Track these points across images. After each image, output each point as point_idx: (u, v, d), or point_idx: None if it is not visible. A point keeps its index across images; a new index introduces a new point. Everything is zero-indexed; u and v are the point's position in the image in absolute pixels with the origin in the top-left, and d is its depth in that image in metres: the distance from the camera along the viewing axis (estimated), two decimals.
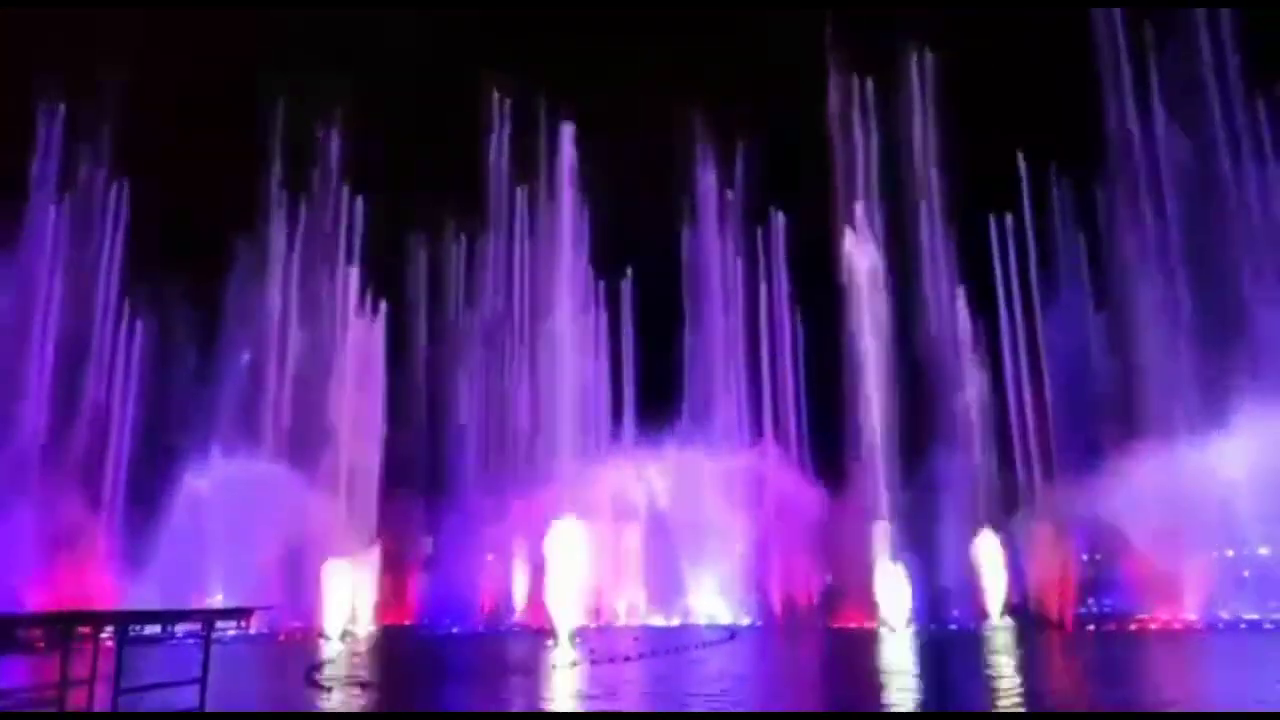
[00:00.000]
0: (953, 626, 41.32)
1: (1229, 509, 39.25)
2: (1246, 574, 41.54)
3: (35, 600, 38.39)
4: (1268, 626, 38.14)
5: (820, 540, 44.53)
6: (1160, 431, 40.56)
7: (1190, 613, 40.69)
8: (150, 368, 47.83)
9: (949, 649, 33.32)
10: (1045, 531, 42.63)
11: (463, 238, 55.01)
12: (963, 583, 42.81)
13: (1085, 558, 45.40)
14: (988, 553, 42.26)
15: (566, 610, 38.83)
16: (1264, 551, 41.45)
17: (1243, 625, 38.95)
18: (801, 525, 44.83)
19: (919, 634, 38.60)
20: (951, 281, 46.49)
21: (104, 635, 14.70)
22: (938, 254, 46.65)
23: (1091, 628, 40.39)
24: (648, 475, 48.34)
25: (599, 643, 34.67)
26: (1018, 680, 23.70)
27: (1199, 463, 39.10)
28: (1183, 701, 19.62)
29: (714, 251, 53.53)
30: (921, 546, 41.54)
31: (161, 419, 46.62)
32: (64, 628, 16.30)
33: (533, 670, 27.19)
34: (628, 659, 28.11)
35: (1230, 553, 41.79)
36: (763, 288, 53.94)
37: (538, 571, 42.91)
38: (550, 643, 36.58)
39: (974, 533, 42.64)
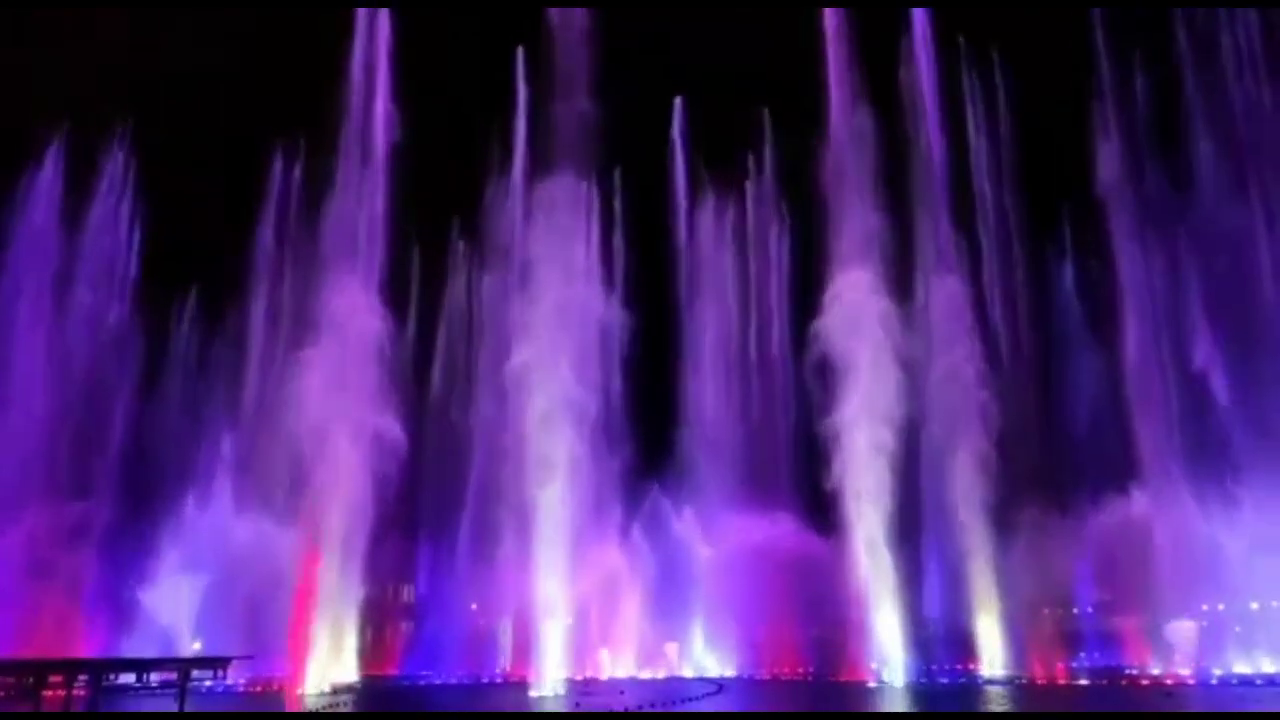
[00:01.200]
0: (943, 680, 40.63)
1: (1219, 563, 39.17)
2: (1238, 629, 41.30)
3: (3, 646, 37.38)
4: (1259, 683, 37.78)
5: (809, 589, 43.88)
6: (1153, 484, 40.49)
7: (1181, 668, 40.34)
8: (140, 408, 47.44)
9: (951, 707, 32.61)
10: (1038, 582, 42.26)
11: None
12: (953, 631, 42.19)
13: (1075, 611, 45.09)
14: (982, 603, 41.66)
15: (552, 662, 38.08)
16: (1254, 606, 41.26)
17: (1235, 681, 38.56)
18: (791, 575, 44.28)
19: (913, 688, 37.91)
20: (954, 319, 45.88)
21: (77, 684, 14.28)
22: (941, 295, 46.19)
23: (1084, 683, 39.88)
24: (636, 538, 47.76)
25: (585, 697, 34.04)
26: None
27: (1191, 516, 39.05)
28: None
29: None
30: (913, 594, 40.83)
31: (147, 460, 46.07)
32: (35, 676, 15.87)
33: None
34: (613, 713, 27.53)
35: (1221, 607, 41.55)
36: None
37: (523, 622, 42.20)
38: (535, 695, 35.90)
39: (966, 583, 42.00)
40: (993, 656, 41.64)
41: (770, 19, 54.90)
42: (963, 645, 42.33)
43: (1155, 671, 40.80)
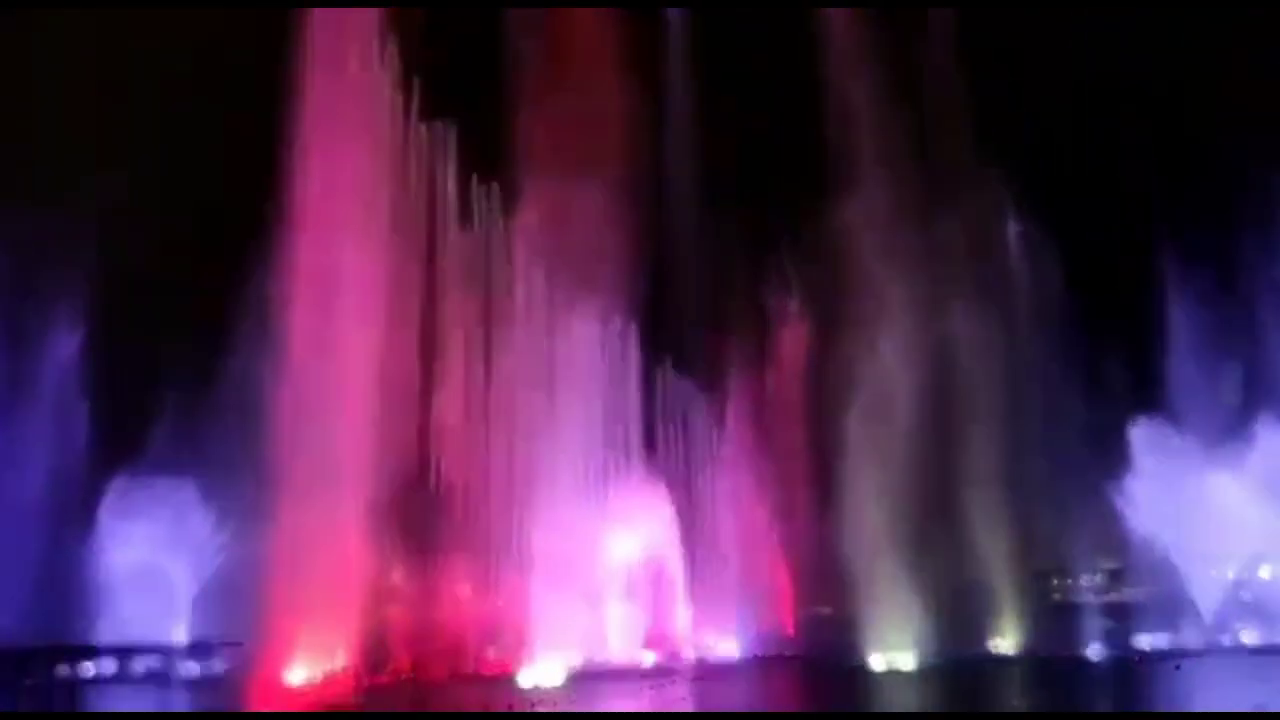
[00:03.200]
0: (950, 658, 39.52)
1: (1230, 529, 38.65)
2: (1247, 597, 40.72)
3: None
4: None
5: (815, 566, 42.85)
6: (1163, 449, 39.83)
7: (1192, 640, 39.70)
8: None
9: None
10: (1046, 555, 41.62)
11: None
12: (961, 608, 41.10)
13: (1084, 582, 44.44)
14: (993, 578, 40.67)
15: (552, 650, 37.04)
16: (1265, 575, 40.73)
17: (1247, 651, 38.06)
18: (795, 552, 43.37)
19: (931, 670, 36.91)
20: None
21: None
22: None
23: (1093, 657, 39.23)
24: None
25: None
26: None
27: (1202, 480, 38.59)
28: None
29: None
30: (920, 570, 39.67)
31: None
32: (14, 666, 14.47)
33: None
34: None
35: (1231, 574, 40.90)
36: None
37: (518, 605, 40.90)
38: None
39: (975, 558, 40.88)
40: (1002, 633, 40.83)
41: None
42: (971, 622, 41.40)
43: (1165, 644, 40.20)
